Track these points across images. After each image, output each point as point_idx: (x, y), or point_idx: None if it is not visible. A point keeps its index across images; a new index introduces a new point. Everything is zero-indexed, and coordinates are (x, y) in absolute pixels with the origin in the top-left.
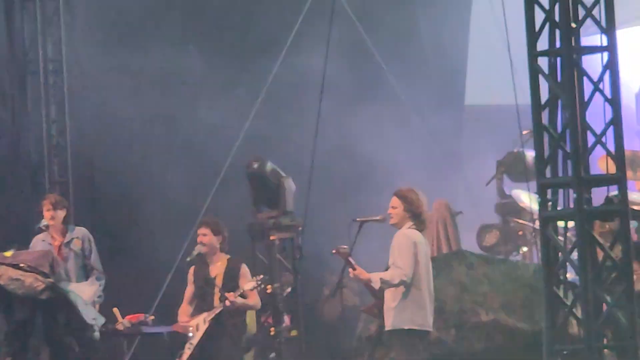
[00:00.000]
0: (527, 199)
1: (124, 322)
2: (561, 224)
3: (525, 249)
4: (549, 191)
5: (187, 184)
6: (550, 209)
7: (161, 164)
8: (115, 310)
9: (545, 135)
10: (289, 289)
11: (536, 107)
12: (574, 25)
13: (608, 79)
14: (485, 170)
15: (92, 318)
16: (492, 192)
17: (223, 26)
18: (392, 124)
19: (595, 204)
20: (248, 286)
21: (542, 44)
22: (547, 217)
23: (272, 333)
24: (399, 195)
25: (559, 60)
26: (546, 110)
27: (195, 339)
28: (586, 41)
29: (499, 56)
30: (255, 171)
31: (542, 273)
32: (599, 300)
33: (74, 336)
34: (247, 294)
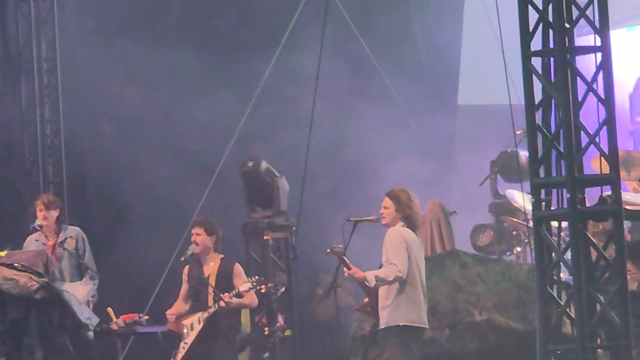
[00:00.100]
0: (521, 198)
1: (118, 322)
2: (555, 223)
3: (519, 248)
4: (543, 191)
5: (181, 183)
6: (543, 208)
7: (155, 163)
8: (109, 309)
9: (539, 135)
10: (282, 288)
11: (530, 107)
12: (567, 26)
13: (601, 79)
14: (479, 170)
15: (86, 317)
16: (486, 192)
17: (217, 25)
18: (386, 124)
19: (589, 204)
20: (243, 287)
21: (536, 44)
22: (540, 217)
23: (266, 333)
24: (390, 195)
25: (552, 60)
26: (540, 110)
27: (190, 338)
28: (580, 41)
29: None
30: (249, 170)
31: (535, 273)
32: (593, 300)
33: (68, 336)
34: (243, 293)
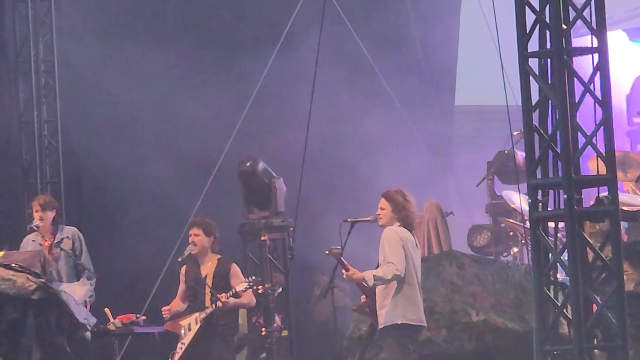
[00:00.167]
0: (518, 199)
1: (115, 322)
2: (552, 224)
3: (515, 249)
4: (540, 192)
5: (178, 184)
6: (540, 209)
7: (153, 163)
8: (106, 310)
9: (536, 136)
10: (280, 289)
11: (527, 108)
12: (564, 27)
13: (598, 80)
14: (476, 171)
15: (84, 318)
16: (482, 192)
17: (214, 25)
18: (383, 124)
19: (586, 204)
20: (240, 287)
21: (533, 45)
22: (537, 217)
23: (263, 333)
24: (386, 196)
25: (549, 61)
26: (537, 111)
27: (187, 338)
28: (577, 42)
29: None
30: (247, 169)
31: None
32: (589, 301)
33: (65, 336)
34: (240, 293)
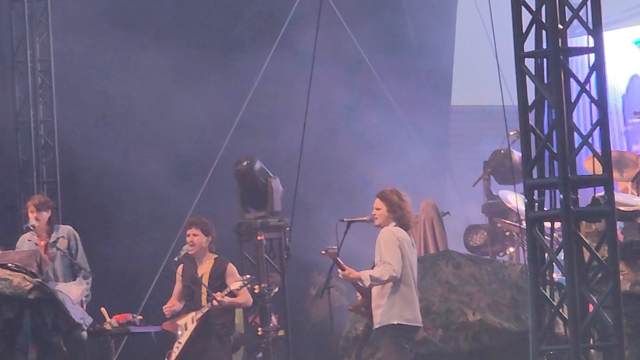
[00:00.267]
0: (514, 199)
1: (111, 322)
2: (548, 224)
3: (512, 249)
4: (536, 192)
5: (174, 183)
6: (537, 209)
7: (149, 163)
8: (102, 309)
9: (532, 136)
10: (276, 289)
11: (523, 108)
12: (560, 27)
13: (594, 80)
14: (472, 170)
15: (80, 317)
16: (479, 192)
17: (211, 24)
18: (379, 124)
19: (582, 204)
20: (234, 286)
21: (529, 45)
22: (533, 217)
23: (260, 333)
24: (381, 196)
25: (545, 61)
26: (533, 111)
27: (184, 338)
28: (573, 42)
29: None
30: (244, 169)
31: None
32: (586, 301)
33: (61, 336)
34: (235, 292)
